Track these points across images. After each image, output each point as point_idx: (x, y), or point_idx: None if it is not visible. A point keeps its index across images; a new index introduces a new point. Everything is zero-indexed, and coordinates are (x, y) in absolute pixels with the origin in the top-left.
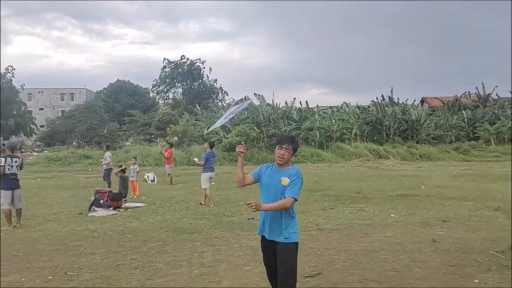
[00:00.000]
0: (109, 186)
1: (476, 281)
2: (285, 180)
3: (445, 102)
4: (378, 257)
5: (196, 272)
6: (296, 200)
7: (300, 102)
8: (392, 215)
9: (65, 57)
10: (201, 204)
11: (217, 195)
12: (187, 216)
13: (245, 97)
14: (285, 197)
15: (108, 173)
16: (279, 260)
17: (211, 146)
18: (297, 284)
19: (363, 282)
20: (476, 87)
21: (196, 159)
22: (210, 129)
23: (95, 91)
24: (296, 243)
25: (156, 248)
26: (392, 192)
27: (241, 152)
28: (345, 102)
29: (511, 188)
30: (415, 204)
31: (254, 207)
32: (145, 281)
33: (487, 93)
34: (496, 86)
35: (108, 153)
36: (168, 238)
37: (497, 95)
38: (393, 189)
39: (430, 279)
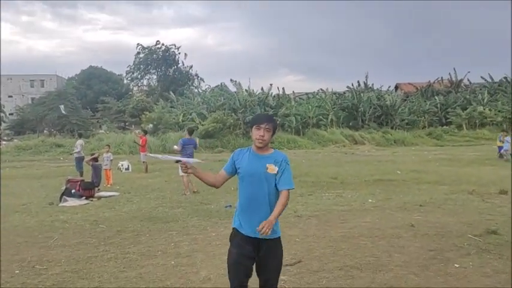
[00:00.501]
0: (81, 175)
1: (457, 265)
2: (272, 168)
3: (419, 88)
4: (358, 243)
5: (173, 262)
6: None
7: (278, 88)
8: (370, 200)
9: (34, 43)
10: (194, 192)
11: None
12: (163, 205)
13: (221, 84)
14: (279, 191)
15: (79, 161)
16: (269, 257)
17: (190, 132)
18: None
19: (343, 269)
20: (449, 73)
21: (176, 147)
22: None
23: (66, 78)
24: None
25: (130, 239)
26: (369, 178)
27: (186, 172)
28: (321, 89)
29: None
30: (392, 189)
31: (266, 229)
32: (118, 273)
33: (459, 78)
34: (468, 72)
35: (80, 141)
36: (143, 228)
37: (468, 80)
38: (370, 174)
39: (410, 265)
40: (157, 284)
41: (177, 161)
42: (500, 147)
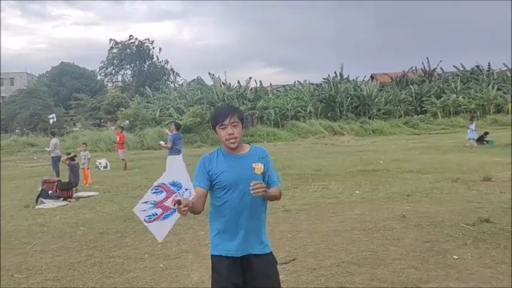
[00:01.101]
0: (57, 175)
1: (455, 257)
2: (260, 167)
3: (393, 77)
4: (351, 237)
5: (161, 265)
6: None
7: (255, 81)
8: (357, 192)
9: (3, 40)
10: None
11: None
12: None
13: (198, 77)
14: (271, 186)
15: (55, 160)
16: (262, 278)
17: (178, 127)
18: None
19: (340, 266)
20: (422, 63)
21: (162, 143)
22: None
23: (37, 75)
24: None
25: (115, 241)
26: (352, 168)
27: (184, 211)
28: (298, 81)
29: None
30: (377, 179)
31: (261, 190)
32: (104, 279)
33: (432, 68)
34: (441, 61)
35: (54, 140)
36: (127, 229)
37: (441, 69)
38: (353, 165)
39: (408, 258)
40: None
41: (177, 203)
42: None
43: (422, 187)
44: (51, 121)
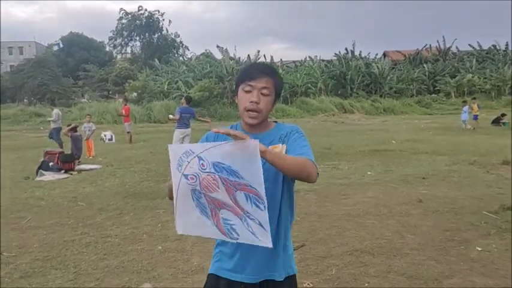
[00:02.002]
0: (61, 147)
1: (479, 248)
2: (277, 149)
3: (407, 55)
4: (364, 222)
5: (160, 247)
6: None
7: (265, 56)
8: (369, 173)
9: (12, 9)
10: None
11: None
12: (148, 179)
13: (206, 51)
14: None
15: (56, 131)
16: None
17: (188, 101)
18: None
19: (353, 255)
20: (437, 41)
21: (171, 116)
22: None
23: (45, 44)
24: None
25: (113, 218)
26: (363, 148)
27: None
28: (309, 56)
29: None
30: (390, 160)
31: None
32: (97, 261)
33: (447, 46)
34: (455, 39)
35: (56, 110)
36: (127, 206)
37: (457, 48)
38: (364, 144)
39: (426, 248)
40: (142, 275)
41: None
42: (475, 116)
43: (438, 169)
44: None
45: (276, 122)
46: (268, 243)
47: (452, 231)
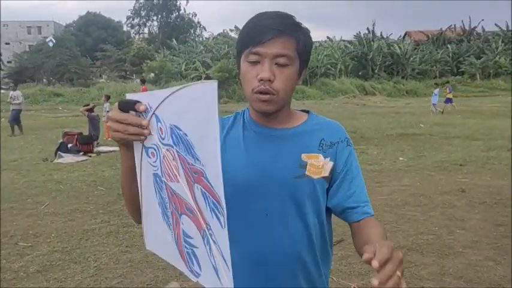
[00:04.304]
0: (20, 130)
1: None
2: (319, 166)
3: (429, 36)
4: (405, 214)
5: None
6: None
7: None
8: (400, 159)
9: None
10: None
11: None
12: None
13: (223, 31)
14: (350, 221)
15: (15, 114)
16: None
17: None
18: None
19: None
20: (462, 21)
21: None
22: None
23: (64, 24)
24: None
25: None
26: (390, 131)
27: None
28: (328, 37)
29: None
30: (421, 144)
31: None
32: (119, 254)
33: (472, 26)
34: (482, 20)
35: (17, 92)
36: None
37: (483, 28)
38: (390, 127)
39: (481, 246)
40: (168, 271)
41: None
42: (448, 99)
43: (476, 156)
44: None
45: (307, 112)
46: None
47: (505, 226)
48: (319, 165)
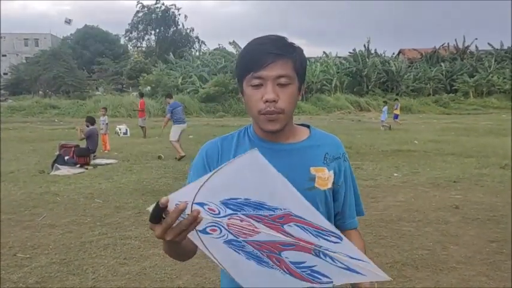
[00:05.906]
0: None
1: None
2: (325, 178)
3: (423, 54)
4: (400, 229)
5: None
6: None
7: None
8: (395, 174)
9: (28, 2)
10: (176, 159)
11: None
12: (165, 175)
13: (219, 46)
14: (344, 229)
15: None
16: None
17: (170, 96)
18: None
19: (394, 267)
20: (455, 39)
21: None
22: None
23: (61, 37)
24: None
25: (131, 218)
26: (385, 148)
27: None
28: (324, 52)
29: None
30: (415, 161)
31: None
32: (117, 267)
33: (465, 45)
34: (476, 39)
35: None
36: (146, 204)
37: (476, 46)
38: (385, 144)
39: (474, 261)
40: (166, 283)
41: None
42: (395, 115)
43: (469, 173)
44: None
45: (307, 126)
46: (382, 274)
47: (498, 242)
48: (325, 177)
